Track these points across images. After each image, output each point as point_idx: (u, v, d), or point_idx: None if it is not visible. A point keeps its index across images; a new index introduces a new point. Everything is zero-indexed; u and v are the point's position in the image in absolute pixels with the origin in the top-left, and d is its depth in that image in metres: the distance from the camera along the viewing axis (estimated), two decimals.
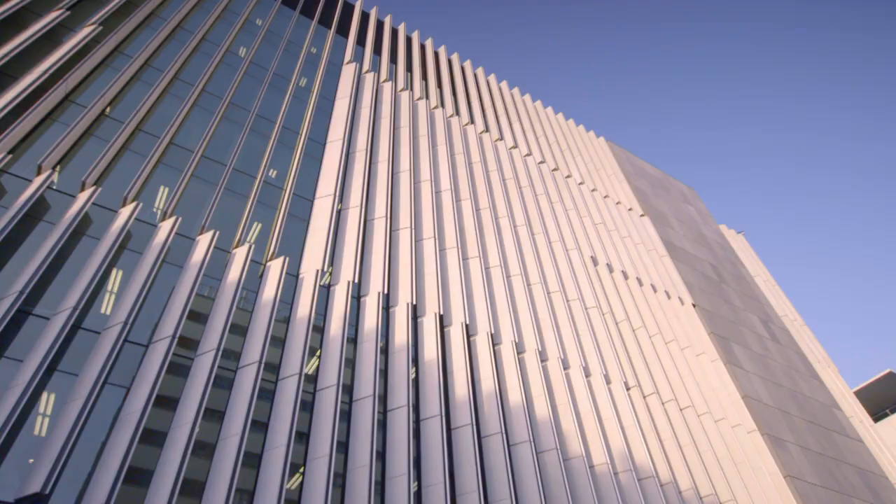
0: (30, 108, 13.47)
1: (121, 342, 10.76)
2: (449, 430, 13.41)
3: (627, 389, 18.37)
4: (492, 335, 16.21)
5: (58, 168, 13.10)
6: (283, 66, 22.03)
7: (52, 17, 16.24)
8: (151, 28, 19.18)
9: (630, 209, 30.95)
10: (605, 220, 27.81)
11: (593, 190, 30.17)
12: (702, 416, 19.53)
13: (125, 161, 14.47)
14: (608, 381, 18.03)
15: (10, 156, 12.40)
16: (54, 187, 12.76)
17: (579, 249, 23.43)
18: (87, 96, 15.20)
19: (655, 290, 24.95)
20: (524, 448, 13.79)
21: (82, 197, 12.63)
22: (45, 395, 9.84)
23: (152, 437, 10.12)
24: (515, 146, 28.42)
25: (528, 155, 28.51)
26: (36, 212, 12.09)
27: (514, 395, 15.06)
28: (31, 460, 9.03)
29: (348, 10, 31.42)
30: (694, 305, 25.71)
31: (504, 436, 13.60)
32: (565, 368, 17.41)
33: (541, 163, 28.76)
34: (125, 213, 12.92)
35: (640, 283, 24.77)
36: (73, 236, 12.16)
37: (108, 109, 15.39)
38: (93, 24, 16.92)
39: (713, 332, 24.14)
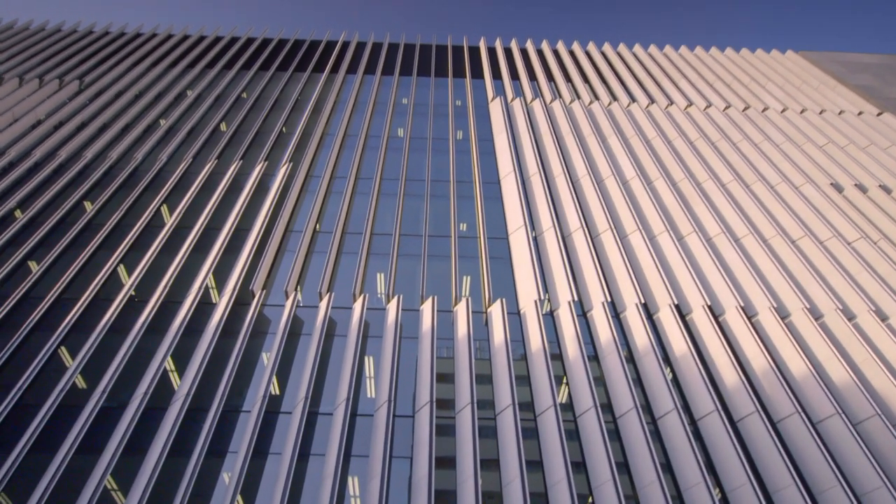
0: (265, 248, 16.21)
1: (391, 418, 11.84)
2: (733, 423, 11.99)
3: None
4: (742, 308, 14.38)
5: (298, 288, 15.36)
6: (438, 129, 23.44)
7: (257, 170, 19.56)
8: (326, 146, 21.99)
9: (860, 113, 25.77)
10: (833, 138, 23.49)
11: (802, 111, 25.89)
12: None
13: (344, 263, 16.44)
14: None
15: (265, 291, 14.92)
16: (301, 304, 14.94)
17: (812, 182, 20.00)
18: (300, 221, 17.80)
19: None
20: (833, 423, 11.66)
21: (322, 305, 14.56)
22: (350, 479, 11.17)
23: (444, 497, 10.77)
24: (690, 104, 25.92)
25: (708, 107, 25.73)
26: (295, 328, 14.23)
27: (797, 367, 12.98)
28: None
29: (475, 53, 32.53)
30: None
31: (802, 415, 11.68)
32: (849, 319, 14.59)
33: (726, 108, 25.72)
34: (357, 307, 14.53)
35: None
36: (327, 339, 13.99)
37: (317, 226, 17.79)
38: (285, 163, 19.99)
39: None
